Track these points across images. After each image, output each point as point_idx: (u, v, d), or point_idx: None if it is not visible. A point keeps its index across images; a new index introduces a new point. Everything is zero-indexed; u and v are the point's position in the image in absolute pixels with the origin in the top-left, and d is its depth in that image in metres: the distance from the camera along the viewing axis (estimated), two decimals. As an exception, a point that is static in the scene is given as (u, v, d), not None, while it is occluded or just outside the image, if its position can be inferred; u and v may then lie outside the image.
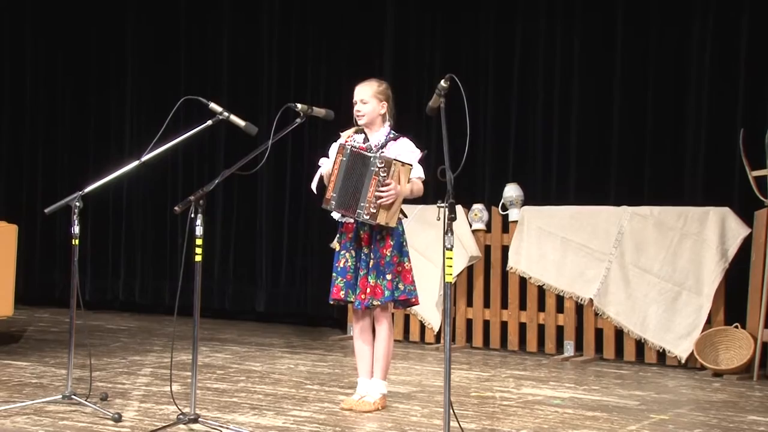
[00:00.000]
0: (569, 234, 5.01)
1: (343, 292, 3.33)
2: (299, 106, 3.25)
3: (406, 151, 3.35)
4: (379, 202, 3.18)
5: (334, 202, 3.26)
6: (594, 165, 5.42)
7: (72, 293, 3.24)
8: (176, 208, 2.87)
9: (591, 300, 4.88)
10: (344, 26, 6.35)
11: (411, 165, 3.28)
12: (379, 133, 3.41)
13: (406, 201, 3.35)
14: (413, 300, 3.35)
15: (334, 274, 3.38)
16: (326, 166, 3.44)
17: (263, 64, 6.67)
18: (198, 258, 2.94)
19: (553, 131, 5.55)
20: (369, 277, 3.29)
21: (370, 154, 3.21)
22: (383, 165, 3.17)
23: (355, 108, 3.41)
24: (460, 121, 2.73)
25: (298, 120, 3.24)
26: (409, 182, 3.28)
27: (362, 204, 3.19)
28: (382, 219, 3.21)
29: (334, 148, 3.43)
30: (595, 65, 5.44)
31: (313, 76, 6.45)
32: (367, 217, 3.19)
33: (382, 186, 3.18)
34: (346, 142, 3.40)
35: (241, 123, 3.23)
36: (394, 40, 6.12)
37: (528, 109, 5.66)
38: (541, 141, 5.59)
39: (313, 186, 3.49)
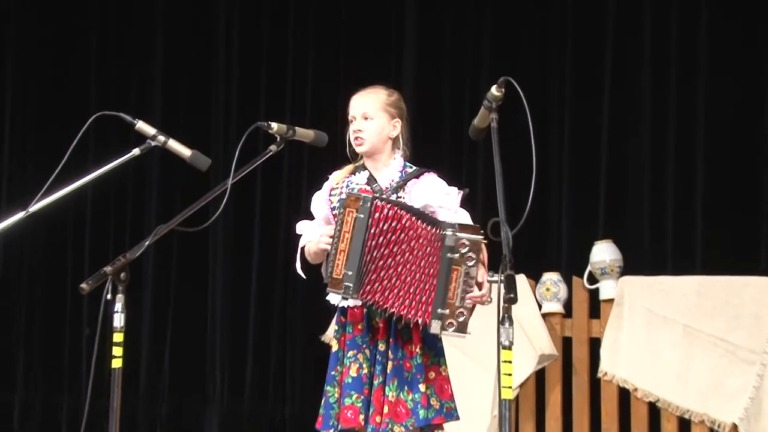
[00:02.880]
0: (696, 320, 4.99)
1: (362, 416, 3.30)
2: (274, 126, 3.31)
3: (438, 192, 3.39)
4: (470, 303, 3.16)
5: (350, 285, 3.19)
6: (732, 212, 5.41)
7: None
8: (83, 285, 2.87)
9: (735, 426, 4.83)
10: (342, 6, 6.45)
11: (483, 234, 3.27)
12: (390, 168, 3.48)
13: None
14: (453, 420, 3.38)
15: (328, 389, 3.39)
16: (310, 234, 3.48)
17: (218, 64, 6.77)
18: (116, 362, 2.95)
19: (667, 160, 5.54)
20: (387, 388, 3.30)
21: (443, 232, 3.17)
22: (469, 247, 3.12)
23: (352, 128, 3.48)
24: (521, 147, 2.76)
25: (273, 147, 3.31)
26: None
27: (439, 311, 3.14)
28: (469, 326, 3.18)
29: (320, 201, 3.51)
30: (730, 60, 5.45)
31: (296, 81, 6.54)
32: (452, 330, 3.15)
33: (471, 280, 3.13)
34: (339, 185, 3.46)
35: (186, 152, 3.29)
36: (418, 26, 6.19)
37: (627, 127, 5.67)
38: (648, 175, 5.58)
39: (299, 267, 3.50)
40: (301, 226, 3.56)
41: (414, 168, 3.48)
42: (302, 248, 3.53)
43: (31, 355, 7.12)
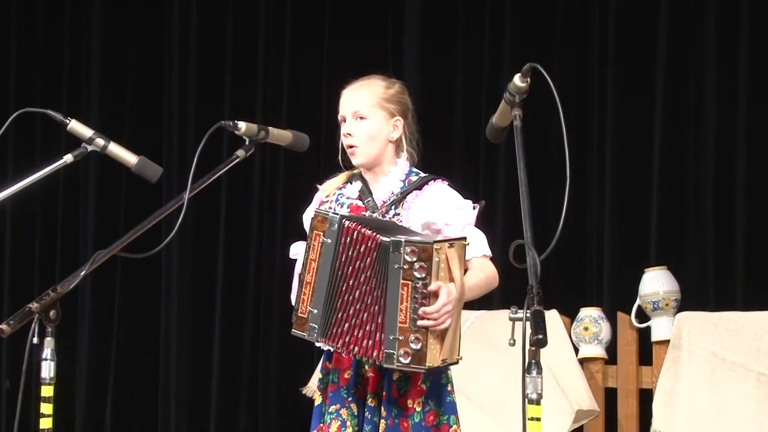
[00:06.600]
0: (776, 368, 5.02)
1: None
2: (241, 125, 3.34)
3: (446, 206, 3.41)
4: (423, 325, 3.13)
5: (316, 326, 3.22)
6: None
7: None
8: (3, 326, 2.88)
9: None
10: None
11: (464, 239, 3.27)
12: (390, 177, 3.52)
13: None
14: None
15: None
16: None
17: (171, 46, 6.78)
18: (45, 423, 2.97)
19: (737, 171, 5.53)
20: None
21: (384, 238, 3.16)
22: (416, 257, 3.12)
23: (342, 131, 3.52)
24: (552, 150, 2.77)
25: (241, 153, 3.33)
26: (468, 270, 3.28)
27: (391, 337, 3.13)
28: (434, 359, 3.16)
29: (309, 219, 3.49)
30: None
31: (270, 69, 6.56)
32: (407, 361, 3.14)
33: (422, 298, 3.13)
34: (321, 204, 3.51)
35: (131, 159, 3.32)
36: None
37: (686, 126, 5.66)
38: (711, 188, 5.59)
39: (294, 298, 3.48)
40: (296, 249, 3.54)
41: (420, 175, 3.52)
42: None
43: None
